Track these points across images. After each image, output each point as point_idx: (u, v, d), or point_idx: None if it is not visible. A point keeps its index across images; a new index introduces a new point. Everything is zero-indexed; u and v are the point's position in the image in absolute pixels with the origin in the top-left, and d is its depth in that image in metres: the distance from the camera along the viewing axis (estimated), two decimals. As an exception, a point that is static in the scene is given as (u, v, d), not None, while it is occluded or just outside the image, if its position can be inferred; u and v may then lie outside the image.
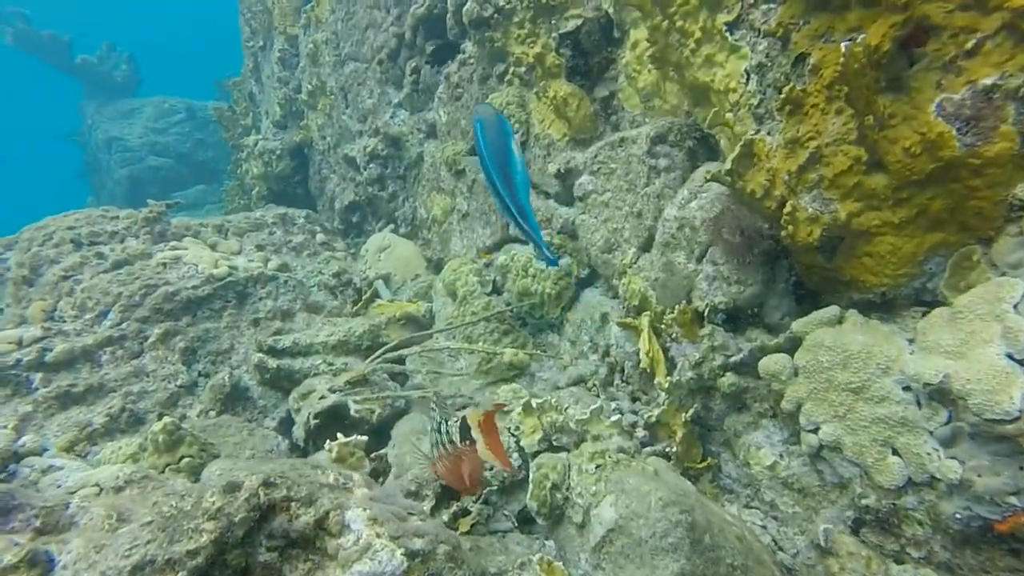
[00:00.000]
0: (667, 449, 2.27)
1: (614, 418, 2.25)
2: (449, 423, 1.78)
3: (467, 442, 1.64)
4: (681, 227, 2.51)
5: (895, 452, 1.72)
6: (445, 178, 4.10)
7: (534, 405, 2.21)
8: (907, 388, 1.70)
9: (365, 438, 2.11)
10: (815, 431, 1.97)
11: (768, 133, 2.09)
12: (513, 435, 2.21)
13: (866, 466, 1.79)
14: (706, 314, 2.37)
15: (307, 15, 5.69)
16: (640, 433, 2.34)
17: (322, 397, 2.71)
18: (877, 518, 1.77)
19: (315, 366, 3.07)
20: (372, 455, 2.19)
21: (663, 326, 2.51)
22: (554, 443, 2.18)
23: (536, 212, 3.26)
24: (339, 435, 2.09)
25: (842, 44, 1.54)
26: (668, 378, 2.30)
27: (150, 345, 3.06)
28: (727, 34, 2.16)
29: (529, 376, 3.11)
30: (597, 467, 1.98)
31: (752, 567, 1.76)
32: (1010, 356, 1.50)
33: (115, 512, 1.44)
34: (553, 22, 3.04)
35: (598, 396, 2.69)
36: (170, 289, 3.25)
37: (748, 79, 2.14)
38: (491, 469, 2.19)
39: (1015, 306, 1.53)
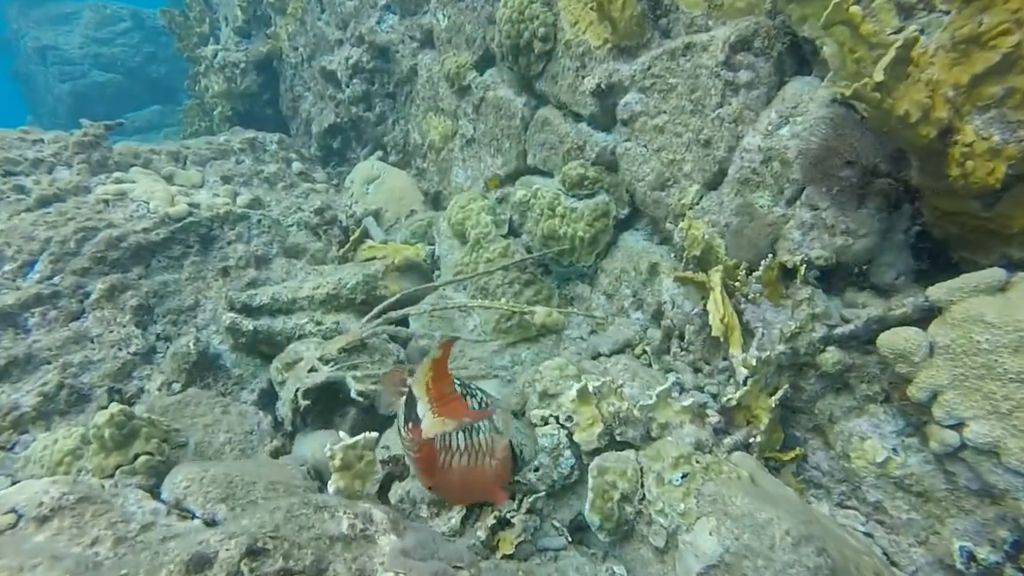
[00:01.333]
0: (750, 439, 1.84)
1: (686, 402, 1.80)
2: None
3: (409, 424, 1.08)
4: (767, 160, 1.99)
5: (1094, 468, 1.30)
6: (445, 96, 3.45)
7: (591, 389, 1.74)
8: None
9: (375, 435, 1.63)
10: (956, 427, 1.55)
11: (921, 32, 1.54)
12: (564, 427, 1.74)
13: (1041, 481, 1.38)
14: (800, 271, 1.89)
15: None
16: (713, 418, 1.90)
17: (312, 369, 2.20)
18: (1059, 549, 1.37)
19: (300, 326, 2.55)
20: (386, 457, 1.71)
21: (736, 283, 2.04)
22: (617, 438, 1.72)
23: (565, 138, 2.68)
24: (341, 434, 1.60)
25: None
26: (755, 354, 1.84)
27: (93, 303, 2.47)
28: None
29: (555, 336, 2.63)
30: (683, 476, 1.54)
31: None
32: None
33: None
34: None
35: (650, 366, 2.23)
36: (115, 233, 2.63)
37: (893, -45, 1.57)
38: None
39: None
